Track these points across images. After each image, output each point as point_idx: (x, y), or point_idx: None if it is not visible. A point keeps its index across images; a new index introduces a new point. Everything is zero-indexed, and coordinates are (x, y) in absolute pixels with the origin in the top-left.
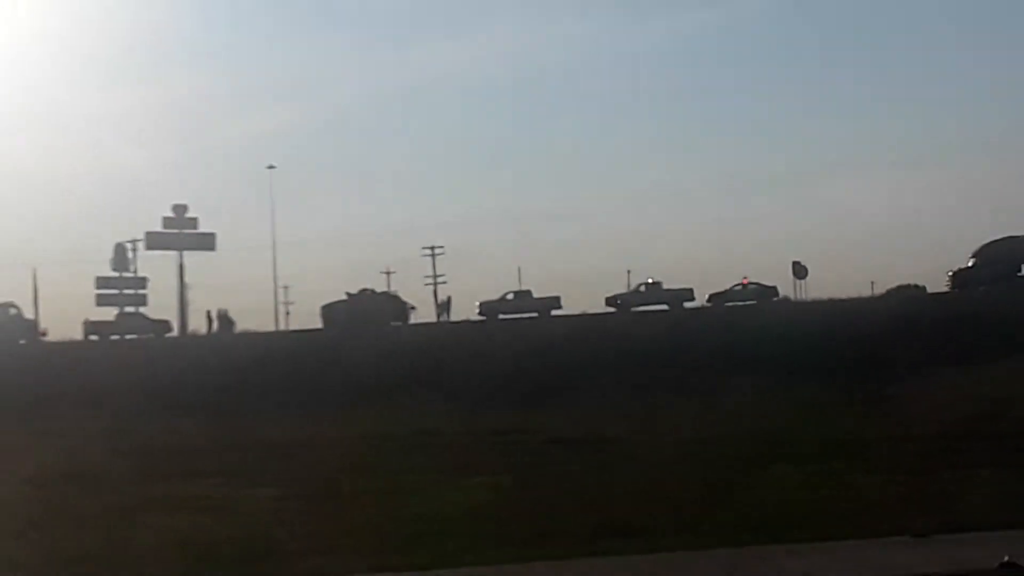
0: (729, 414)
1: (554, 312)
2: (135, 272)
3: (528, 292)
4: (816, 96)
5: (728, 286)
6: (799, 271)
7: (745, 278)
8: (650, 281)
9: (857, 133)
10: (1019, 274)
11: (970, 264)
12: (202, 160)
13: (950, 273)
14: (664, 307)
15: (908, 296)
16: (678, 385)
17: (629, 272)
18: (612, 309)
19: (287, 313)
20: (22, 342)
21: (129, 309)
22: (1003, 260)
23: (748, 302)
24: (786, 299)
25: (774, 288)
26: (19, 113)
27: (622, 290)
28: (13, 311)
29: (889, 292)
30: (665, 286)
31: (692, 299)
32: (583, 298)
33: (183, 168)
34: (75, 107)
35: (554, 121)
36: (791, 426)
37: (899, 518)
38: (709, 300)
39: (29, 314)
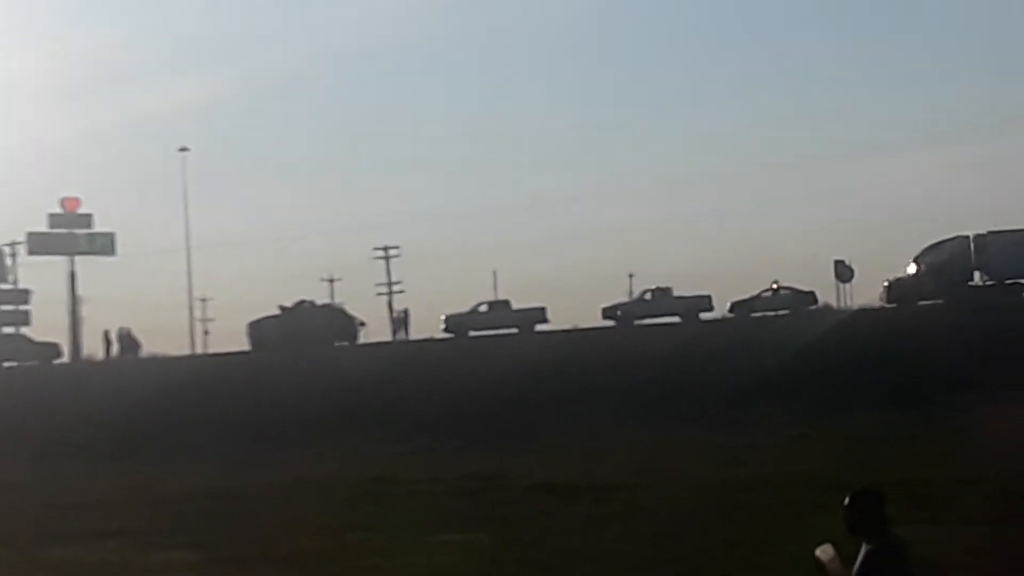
0: (758, 452)
1: (538, 327)
2: (15, 283)
3: (506, 303)
4: (853, 66)
5: (755, 292)
6: (842, 273)
7: (776, 282)
8: (657, 287)
9: (912, 107)
10: (970, 283)
11: (910, 272)
12: (98, 142)
13: (886, 284)
14: (675, 319)
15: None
16: (694, 416)
17: (631, 276)
18: (611, 322)
19: (205, 332)
20: None
21: (8, 329)
22: (951, 266)
23: (780, 311)
24: (827, 307)
25: (811, 294)
26: None
27: (623, 298)
28: None
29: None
30: (676, 293)
31: (710, 308)
32: (574, 309)
33: (73, 153)
34: None
35: (534, 92)
36: (834, 466)
37: None
38: (731, 310)
39: None
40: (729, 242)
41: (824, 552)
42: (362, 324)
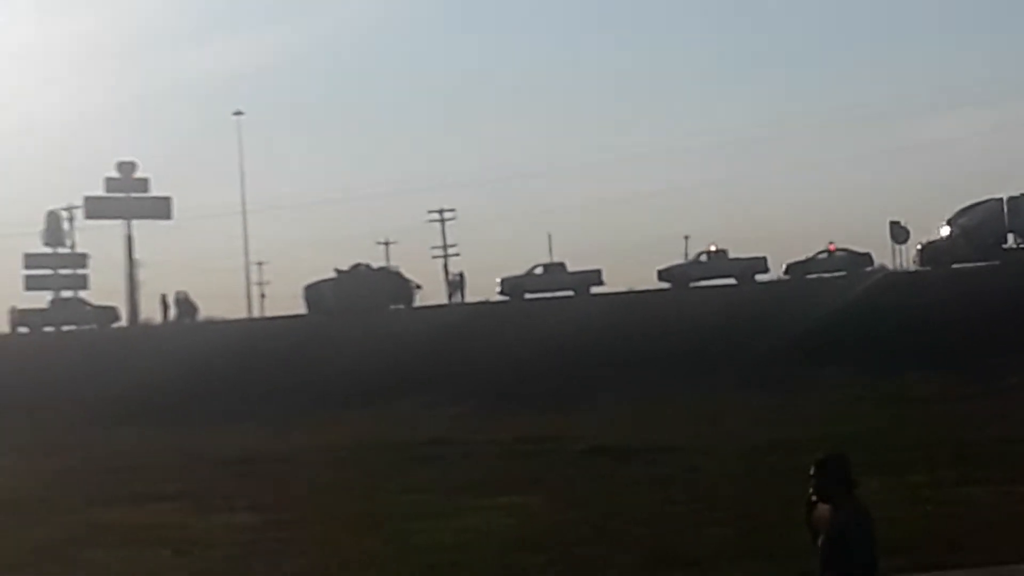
0: (812, 413)
1: (594, 289)
2: (72, 247)
3: (561, 265)
4: (911, 22)
5: (811, 254)
6: (898, 234)
7: (832, 243)
8: (713, 249)
9: (970, 64)
10: (1004, 245)
11: (944, 235)
12: (153, 106)
13: (919, 246)
14: (731, 281)
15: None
16: (748, 378)
17: (687, 238)
18: (666, 284)
19: (262, 296)
20: None
21: (66, 294)
22: (984, 228)
23: (835, 273)
24: (882, 268)
25: (867, 255)
26: None
27: (678, 260)
28: None
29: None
30: (732, 255)
31: (765, 270)
32: (630, 271)
33: (130, 117)
34: None
35: (590, 53)
36: (889, 427)
37: None
38: (787, 271)
39: None
40: (785, 203)
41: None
42: (418, 287)
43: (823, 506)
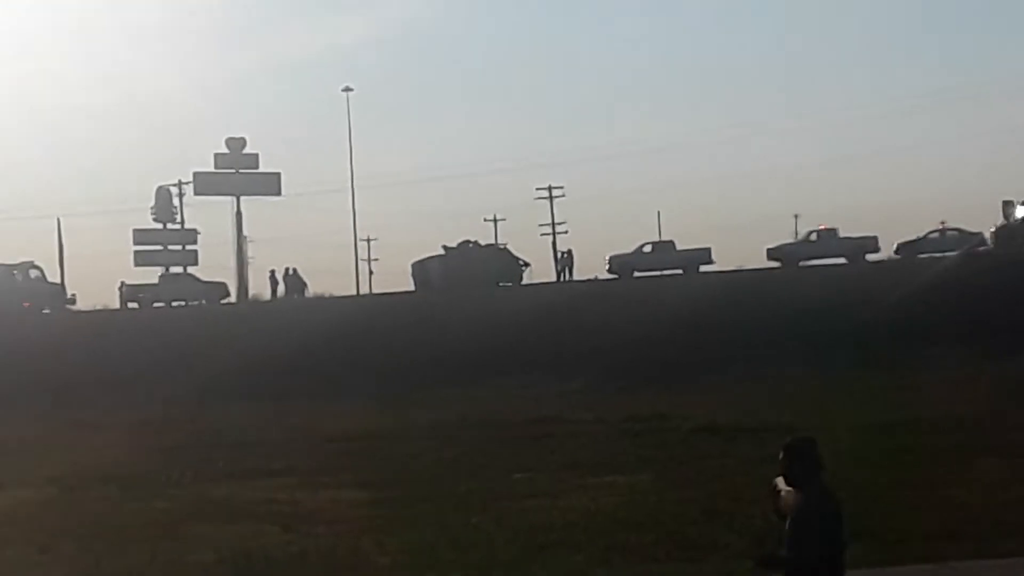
0: (925, 394)
1: (703, 267)
2: (182, 223)
3: (670, 243)
4: None
5: (922, 233)
6: (1011, 213)
7: (943, 222)
8: (823, 228)
9: None
10: None
11: (1020, 216)
12: (263, 83)
13: (992, 229)
14: (841, 260)
15: None
16: (860, 358)
17: (796, 217)
18: (775, 263)
19: (370, 272)
20: (46, 311)
21: (175, 269)
22: None
23: (947, 252)
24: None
25: (979, 235)
26: (29, 32)
27: (787, 239)
28: (34, 273)
29: None
30: (842, 234)
31: (876, 249)
32: (739, 250)
33: (239, 93)
34: (100, 22)
35: (698, 29)
36: (1005, 408)
37: None
38: (897, 251)
39: (54, 277)
40: (897, 182)
41: (782, 482)
42: (526, 265)
43: (789, 491)
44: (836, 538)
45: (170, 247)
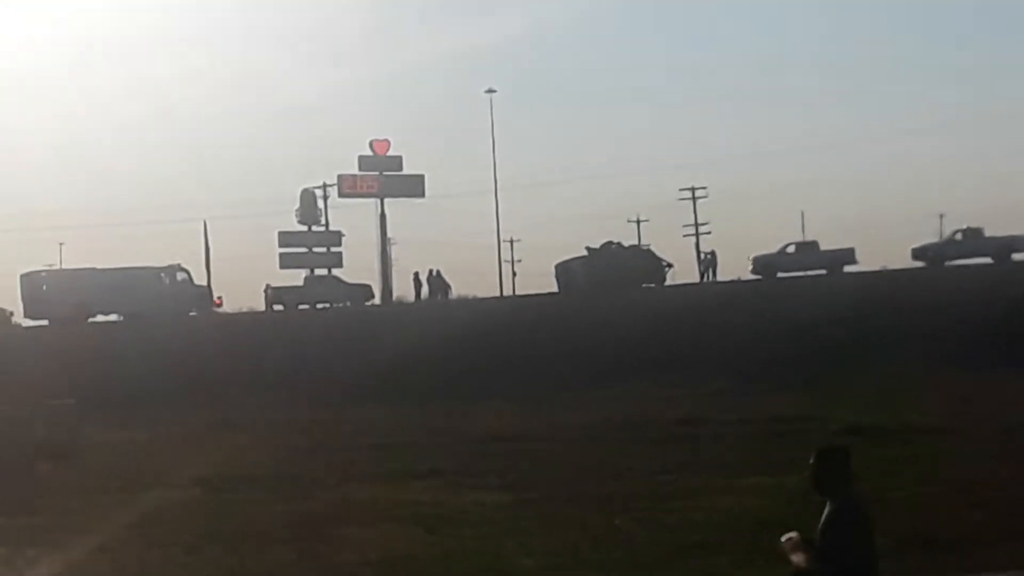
0: None
1: (846, 267)
2: (326, 225)
3: (813, 243)
4: None
5: None
6: None
7: None
8: (967, 228)
9: None
10: None
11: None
12: (406, 85)
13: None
14: (986, 260)
15: None
16: (1010, 357)
17: (942, 217)
18: (920, 263)
19: (513, 274)
20: (192, 313)
21: (320, 271)
22: None
23: None
24: None
25: None
26: (173, 36)
27: (932, 239)
28: (181, 276)
29: None
30: (988, 233)
31: (1022, 249)
32: (883, 250)
33: (383, 96)
34: (242, 26)
35: (841, 28)
36: None
37: None
38: None
39: (200, 279)
40: None
41: (789, 539)
42: (669, 266)
43: (791, 538)
44: (866, 549)
45: (315, 249)
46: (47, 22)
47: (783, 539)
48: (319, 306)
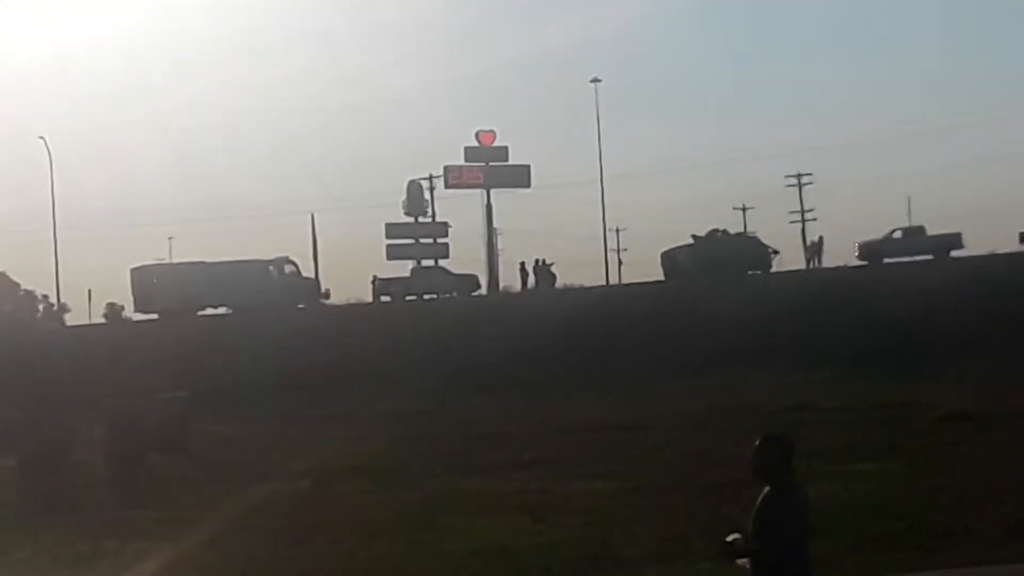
0: None
1: (954, 253)
2: (433, 216)
3: (920, 229)
4: None
5: None
6: None
7: None
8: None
9: None
10: None
11: None
12: (511, 75)
13: None
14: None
15: None
16: None
17: None
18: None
19: (620, 263)
20: (301, 306)
21: (427, 262)
22: None
23: None
24: None
25: None
26: (278, 36)
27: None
28: (290, 268)
29: None
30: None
31: None
32: (992, 234)
33: (489, 87)
34: (348, 21)
35: (943, 12)
36: None
37: None
38: None
39: (308, 271)
40: None
41: (735, 539)
42: (775, 252)
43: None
44: (800, 533)
45: (421, 240)
46: (152, 21)
47: (728, 539)
48: (426, 297)
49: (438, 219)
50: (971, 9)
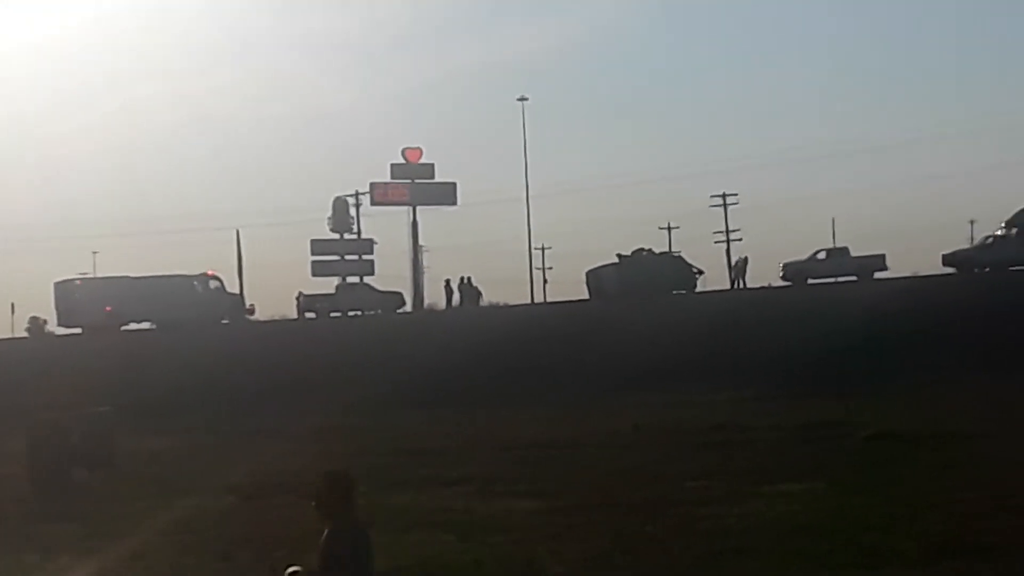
0: None
1: (877, 274)
2: (358, 233)
3: (844, 250)
4: None
5: None
6: None
7: None
8: (1000, 233)
9: None
10: None
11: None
12: (437, 94)
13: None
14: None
15: None
16: None
17: (972, 223)
18: (951, 270)
19: (544, 281)
20: (225, 321)
21: (352, 279)
22: None
23: None
24: None
25: None
26: (205, 47)
27: (963, 245)
28: (214, 284)
29: None
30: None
31: None
32: (914, 256)
33: (414, 104)
34: (276, 35)
35: (869, 37)
36: None
37: None
38: None
39: (233, 287)
40: None
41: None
42: (700, 272)
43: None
44: (363, 569)
45: (347, 257)
46: (81, 33)
47: (289, 571)
48: (351, 314)
49: (364, 236)
50: (899, 30)
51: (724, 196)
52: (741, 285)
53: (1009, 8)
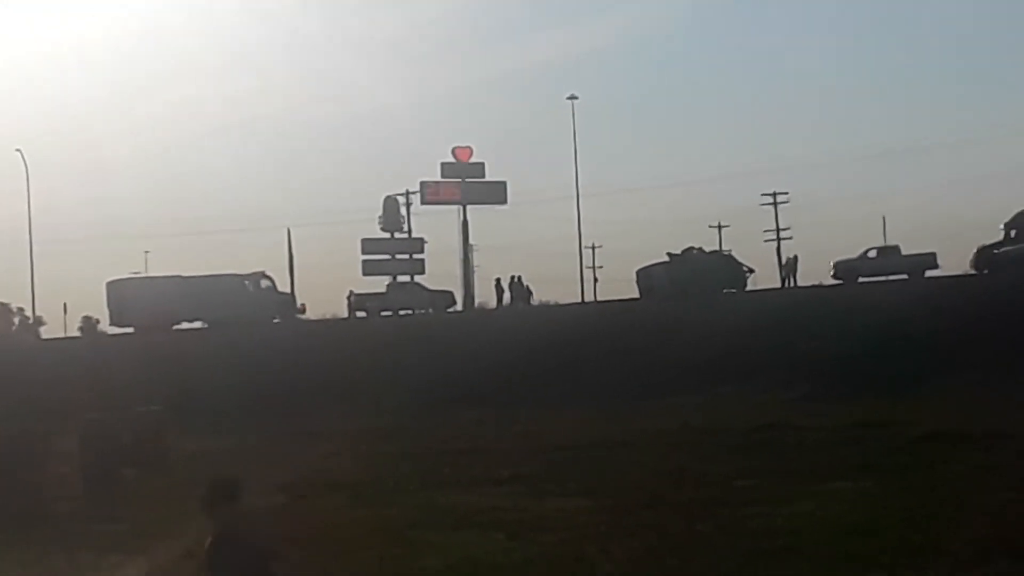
0: None
1: (928, 272)
2: (409, 232)
3: (895, 248)
4: None
5: None
6: None
7: None
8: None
9: None
10: None
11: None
12: (489, 92)
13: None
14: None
15: None
16: None
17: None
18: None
19: (595, 280)
20: (276, 320)
21: (403, 278)
22: None
23: None
24: None
25: None
26: (258, 49)
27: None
28: (265, 283)
29: None
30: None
31: None
32: (967, 255)
33: (466, 104)
34: (325, 36)
35: (920, 35)
36: None
37: None
38: None
39: (284, 286)
40: None
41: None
42: (750, 271)
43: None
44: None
45: (398, 256)
46: (134, 35)
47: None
48: (401, 313)
49: (414, 235)
50: (946, 31)
51: (774, 195)
52: (792, 284)
53: None
